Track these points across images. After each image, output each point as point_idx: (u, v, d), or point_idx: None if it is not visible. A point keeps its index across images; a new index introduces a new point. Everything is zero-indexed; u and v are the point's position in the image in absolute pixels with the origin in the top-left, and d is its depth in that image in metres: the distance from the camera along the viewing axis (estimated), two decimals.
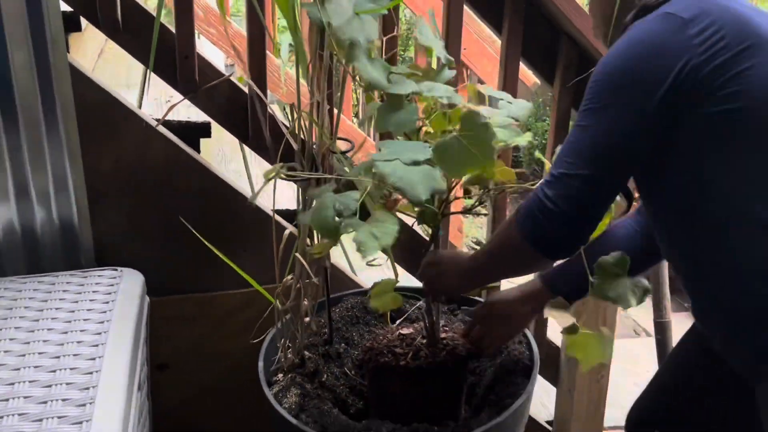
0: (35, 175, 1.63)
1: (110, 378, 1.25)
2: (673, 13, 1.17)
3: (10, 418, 1.13)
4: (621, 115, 1.18)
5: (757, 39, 1.15)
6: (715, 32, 1.14)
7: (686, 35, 1.14)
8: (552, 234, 1.22)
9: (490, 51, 2.93)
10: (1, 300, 1.48)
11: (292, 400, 1.54)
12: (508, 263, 1.36)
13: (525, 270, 1.41)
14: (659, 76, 1.14)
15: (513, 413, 1.49)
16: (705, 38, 1.14)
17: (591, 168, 1.19)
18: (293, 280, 1.63)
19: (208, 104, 1.84)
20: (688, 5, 1.18)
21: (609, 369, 2.13)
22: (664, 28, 1.17)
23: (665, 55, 1.15)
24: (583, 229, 1.24)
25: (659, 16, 1.19)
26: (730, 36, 1.14)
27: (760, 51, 1.14)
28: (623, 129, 1.18)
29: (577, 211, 1.21)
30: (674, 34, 1.15)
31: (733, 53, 1.13)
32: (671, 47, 1.15)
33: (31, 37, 1.53)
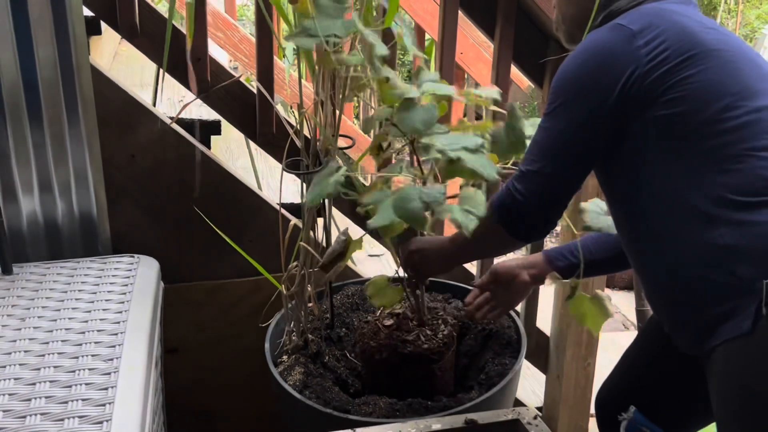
0: (57, 169, 1.72)
1: (132, 353, 1.36)
2: (623, 25, 1.29)
3: (41, 384, 1.25)
4: (575, 118, 1.31)
5: (700, 49, 1.26)
6: (660, 43, 1.26)
7: (634, 46, 1.26)
8: (523, 222, 1.38)
9: (486, 55, 3.04)
10: (27, 283, 1.59)
11: (297, 378, 1.66)
12: (486, 246, 1.52)
13: (501, 251, 1.59)
14: (609, 83, 1.27)
15: (500, 390, 1.60)
16: (651, 49, 1.26)
17: (551, 165, 1.33)
18: (297, 268, 1.75)
19: (219, 104, 1.96)
20: (638, 18, 1.30)
21: (596, 356, 2.24)
22: (614, 38, 1.29)
23: (614, 64, 1.27)
24: (548, 217, 1.39)
25: (611, 27, 1.31)
26: (673, 47, 1.26)
27: (702, 60, 1.25)
28: (577, 130, 1.32)
29: (541, 203, 1.36)
30: (623, 44, 1.27)
31: (675, 62, 1.25)
32: (620, 57, 1.27)
33: (56, 40, 1.62)
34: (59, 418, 1.17)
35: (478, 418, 1.45)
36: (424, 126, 1.48)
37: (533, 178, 1.34)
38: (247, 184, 2.00)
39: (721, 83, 1.25)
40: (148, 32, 1.85)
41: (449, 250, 1.56)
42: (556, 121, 1.33)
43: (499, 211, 1.38)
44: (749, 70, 1.29)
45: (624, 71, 1.26)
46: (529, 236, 1.43)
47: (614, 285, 3.64)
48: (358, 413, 1.54)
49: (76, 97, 1.69)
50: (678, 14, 1.31)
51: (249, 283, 2.01)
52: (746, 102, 1.25)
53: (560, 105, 1.32)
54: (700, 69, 1.25)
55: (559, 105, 1.32)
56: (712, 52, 1.27)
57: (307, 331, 1.78)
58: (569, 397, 2.25)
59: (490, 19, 1.99)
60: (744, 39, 5.28)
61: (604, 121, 1.29)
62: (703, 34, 1.29)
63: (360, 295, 1.96)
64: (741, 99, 1.25)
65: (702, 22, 1.32)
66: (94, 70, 1.76)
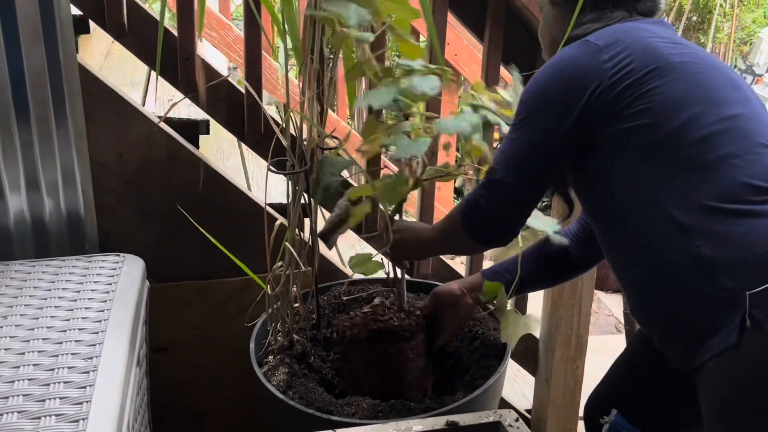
0: (45, 168, 1.73)
1: (111, 351, 1.36)
2: (589, 41, 1.33)
3: (19, 382, 1.25)
4: (540, 130, 1.34)
5: (665, 62, 1.28)
6: (625, 57, 1.28)
7: (598, 61, 1.28)
8: (485, 229, 1.43)
9: (479, 56, 3.03)
10: (12, 281, 1.59)
11: (280, 378, 1.66)
12: (453, 245, 1.60)
13: (467, 252, 1.69)
14: (573, 98, 1.29)
15: (485, 392, 1.60)
16: (614, 63, 1.28)
17: (514, 175, 1.36)
18: (283, 268, 1.75)
19: (208, 103, 1.96)
20: (604, 35, 1.34)
21: (585, 359, 2.24)
22: (579, 54, 1.32)
23: (579, 78, 1.29)
24: (510, 225, 1.43)
25: (578, 43, 1.34)
26: (637, 60, 1.27)
27: (667, 72, 1.27)
28: (541, 143, 1.34)
29: (503, 212, 1.40)
30: (588, 59, 1.30)
31: (639, 75, 1.26)
32: (584, 72, 1.29)
33: (44, 38, 1.63)
34: (35, 416, 1.17)
35: (460, 420, 1.44)
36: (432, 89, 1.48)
37: (497, 187, 1.37)
38: (235, 183, 2.00)
39: (687, 94, 1.26)
40: (136, 31, 1.86)
41: (425, 239, 1.60)
42: (521, 132, 1.35)
43: (464, 216, 1.43)
44: (718, 82, 1.30)
45: (589, 85, 1.28)
46: (489, 242, 1.48)
47: (606, 288, 3.64)
48: (340, 414, 1.54)
49: (63, 95, 1.70)
50: (644, 31, 1.34)
51: (237, 282, 2.01)
52: (715, 111, 1.25)
53: (526, 117, 1.35)
54: (665, 81, 1.26)
55: (525, 117, 1.35)
56: (677, 65, 1.28)
57: (292, 331, 1.78)
58: (558, 400, 2.25)
59: (480, 20, 1.99)
60: (740, 42, 5.26)
61: (568, 133, 1.31)
62: (668, 49, 1.31)
63: (347, 295, 1.95)
64: (709, 108, 1.25)
65: (670, 39, 1.35)
66: (82, 68, 1.76)
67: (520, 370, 2.37)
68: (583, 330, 2.19)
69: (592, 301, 2.18)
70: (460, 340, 1.83)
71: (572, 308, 2.16)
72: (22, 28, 1.61)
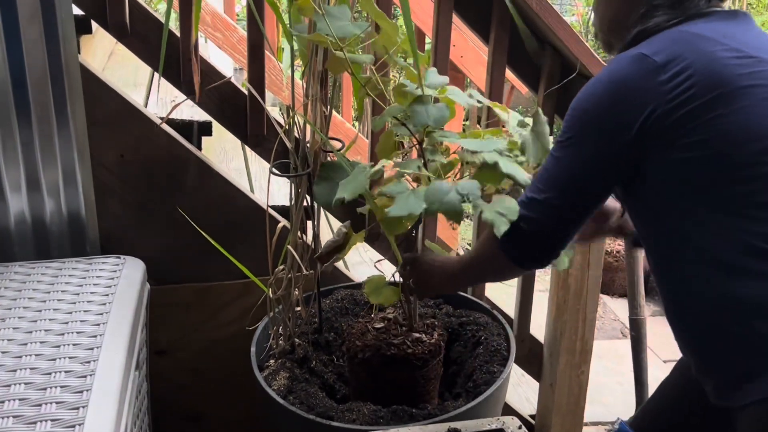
0: (46, 168, 1.72)
1: (109, 355, 1.35)
2: (647, 56, 1.20)
3: (16, 386, 1.23)
4: (588, 152, 1.25)
5: (729, 87, 1.17)
6: (686, 79, 1.17)
7: (656, 81, 1.18)
8: (526, 251, 1.32)
9: (485, 59, 3.02)
10: (11, 283, 1.58)
11: (281, 382, 1.64)
12: (490, 272, 1.47)
13: (502, 277, 1.52)
14: (626, 121, 1.20)
15: (488, 398, 1.58)
16: (674, 85, 1.17)
17: (558, 197, 1.27)
18: (284, 271, 1.74)
19: (210, 104, 1.95)
20: (664, 47, 1.21)
21: (590, 364, 2.22)
22: (636, 72, 1.20)
23: (634, 101, 1.19)
24: (553, 247, 1.32)
25: (635, 57, 1.22)
26: (699, 84, 1.17)
27: (732, 99, 1.17)
28: (588, 165, 1.25)
29: (546, 233, 1.30)
30: (645, 79, 1.19)
31: (701, 102, 1.16)
32: (640, 93, 1.19)
33: (45, 38, 1.62)
34: (32, 421, 1.15)
35: (462, 427, 1.42)
36: (436, 122, 1.49)
37: (539, 208, 1.28)
38: (237, 185, 1.99)
39: (755, 125, 1.17)
40: (138, 31, 1.85)
41: (454, 272, 1.51)
42: (567, 152, 1.27)
43: (503, 239, 1.31)
44: None
45: (644, 109, 1.18)
46: (529, 265, 1.37)
47: (612, 292, 3.61)
48: (341, 420, 1.52)
49: (65, 95, 1.69)
50: (711, 42, 1.21)
51: (238, 285, 2.00)
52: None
53: (573, 136, 1.26)
54: (729, 111, 1.16)
55: (572, 136, 1.26)
56: (745, 90, 1.17)
57: (294, 335, 1.76)
58: (562, 405, 2.23)
59: (485, 22, 1.97)
60: None
61: (618, 159, 1.23)
62: (736, 68, 1.19)
63: (349, 299, 1.94)
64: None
65: (741, 48, 1.22)
66: (83, 69, 1.75)
67: (523, 374, 2.36)
68: (588, 335, 2.17)
69: (597, 306, 2.16)
70: (463, 345, 1.81)
71: (577, 313, 2.14)
72: (24, 28, 1.60)
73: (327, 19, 1.44)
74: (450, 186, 1.38)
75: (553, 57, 1.97)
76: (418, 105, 1.51)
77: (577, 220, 1.30)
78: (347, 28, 1.46)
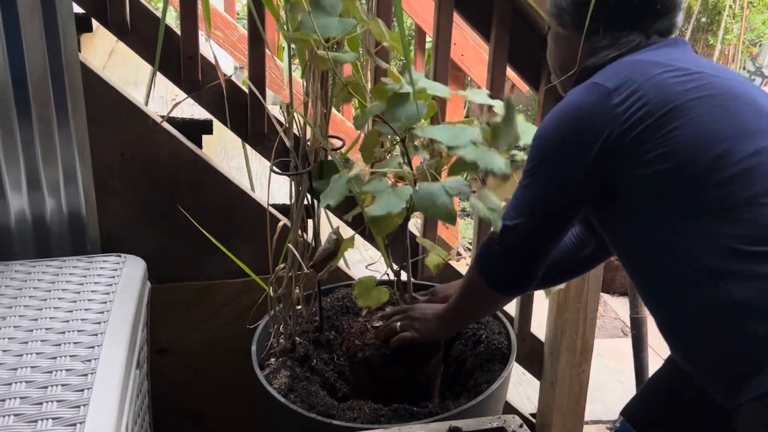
0: (46, 167, 1.72)
1: (110, 353, 1.35)
2: (599, 83, 1.27)
3: (17, 385, 1.24)
4: (552, 179, 1.32)
5: (681, 100, 1.22)
6: (637, 100, 1.23)
7: (610, 105, 1.24)
8: (502, 276, 1.40)
9: (486, 57, 3.02)
10: (12, 281, 1.58)
11: (282, 381, 1.64)
12: (477, 304, 1.51)
13: (490, 306, 1.57)
14: (585, 146, 1.26)
15: (488, 396, 1.58)
16: (627, 107, 1.23)
17: (527, 222, 1.33)
18: (285, 270, 1.73)
19: (210, 103, 1.94)
20: (614, 74, 1.28)
21: (590, 363, 2.22)
22: (590, 98, 1.27)
23: (591, 126, 1.25)
24: (529, 270, 1.38)
25: (587, 86, 1.30)
26: (651, 103, 1.23)
27: (685, 111, 1.21)
28: (553, 191, 1.32)
29: (518, 259, 1.37)
30: (599, 105, 1.25)
31: (655, 118, 1.22)
32: (595, 119, 1.25)
33: (45, 37, 1.62)
34: (33, 420, 1.15)
35: (463, 426, 1.42)
36: (408, 120, 1.48)
37: (510, 234, 1.35)
38: (238, 184, 1.98)
39: (709, 132, 1.21)
40: (138, 29, 1.84)
41: (445, 311, 1.55)
42: (533, 179, 1.33)
43: (480, 265, 1.41)
44: (744, 111, 1.24)
45: (601, 132, 1.24)
46: (509, 290, 1.43)
47: (613, 291, 3.61)
48: (342, 418, 1.52)
49: (65, 94, 1.69)
50: (656, 66, 1.28)
51: (239, 284, 2.00)
52: (742, 147, 1.19)
53: (538, 165, 1.32)
54: (683, 122, 1.21)
55: (536, 165, 1.33)
56: (695, 101, 1.23)
57: (294, 333, 1.76)
58: (563, 404, 2.22)
59: (486, 21, 1.97)
60: (749, 44, 5.21)
61: (582, 182, 1.29)
62: (683, 85, 1.25)
63: (350, 298, 1.93)
64: (736, 144, 1.19)
65: (685, 69, 1.28)
66: (84, 67, 1.75)
67: (524, 373, 2.35)
68: (588, 334, 2.17)
69: (597, 305, 2.16)
70: (464, 344, 1.81)
71: (578, 312, 2.14)
72: (24, 26, 1.60)
73: (312, 16, 1.42)
74: (438, 188, 1.40)
75: None
76: (394, 103, 1.50)
77: (547, 243, 1.36)
78: (331, 26, 1.44)
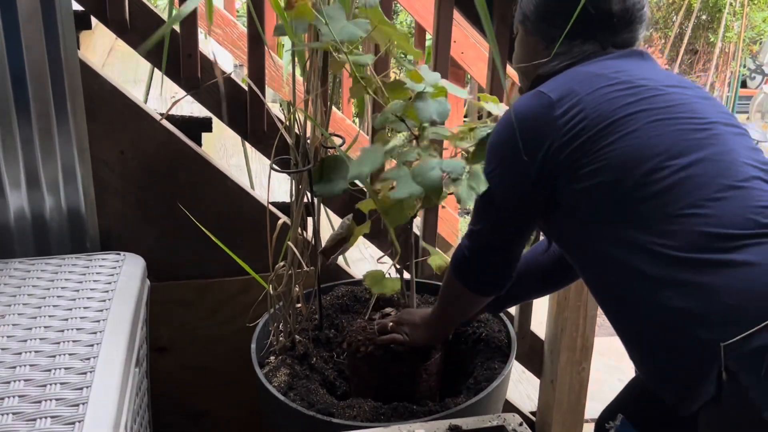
0: (46, 165, 1.72)
1: (109, 351, 1.34)
2: (543, 93, 1.30)
3: (15, 383, 1.23)
4: (503, 184, 1.36)
5: (619, 114, 1.24)
6: (577, 114, 1.25)
7: (551, 117, 1.27)
8: (476, 277, 1.46)
9: (486, 55, 3.01)
10: (11, 279, 1.58)
11: (282, 379, 1.64)
12: (458, 306, 1.57)
13: (473, 307, 1.60)
14: (529, 154, 1.28)
15: (488, 395, 1.58)
16: (567, 120, 1.25)
17: (488, 226, 1.40)
18: (285, 268, 1.73)
19: (210, 100, 1.94)
20: (559, 85, 1.30)
21: (590, 361, 2.21)
22: (534, 107, 1.30)
23: (534, 134, 1.28)
24: (499, 271, 1.44)
25: (533, 94, 1.32)
26: (589, 117, 1.24)
27: (622, 126, 1.23)
28: (505, 196, 1.36)
29: (486, 260, 1.43)
30: (541, 115, 1.28)
31: (592, 133, 1.24)
32: (538, 127, 1.28)
33: (45, 34, 1.62)
34: (31, 418, 1.15)
35: (463, 424, 1.42)
36: (440, 116, 1.53)
37: (475, 236, 1.41)
38: (238, 182, 1.98)
39: (642, 147, 1.22)
40: (138, 27, 1.84)
41: (432, 316, 1.60)
42: (488, 186, 1.38)
43: (454, 269, 1.46)
44: (682, 124, 1.25)
45: (544, 141, 1.27)
46: (484, 289, 1.49)
47: None
48: (342, 416, 1.52)
49: (64, 92, 1.69)
50: (602, 78, 1.29)
51: (239, 282, 2.00)
52: (674, 160, 1.21)
53: (491, 171, 1.37)
54: (618, 136, 1.23)
55: (489, 171, 1.37)
56: (633, 116, 1.24)
57: (294, 331, 1.76)
58: (563, 402, 2.22)
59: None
60: (750, 42, 5.20)
61: (529, 188, 1.32)
62: (625, 99, 1.26)
63: (350, 296, 1.93)
64: (668, 159, 1.21)
65: (630, 82, 1.29)
66: (83, 65, 1.74)
67: (524, 371, 2.35)
68: (588, 332, 2.17)
69: (597, 306, 2.16)
70: (464, 342, 1.81)
71: (578, 310, 2.14)
72: (23, 24, 1.60)
73: (329, 23, 1.43)
74: (435, 163, 1.46)
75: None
76: (419, 101, 1.54)
77: (509, 245, 1.41)
78: (349, 30, 1.44)
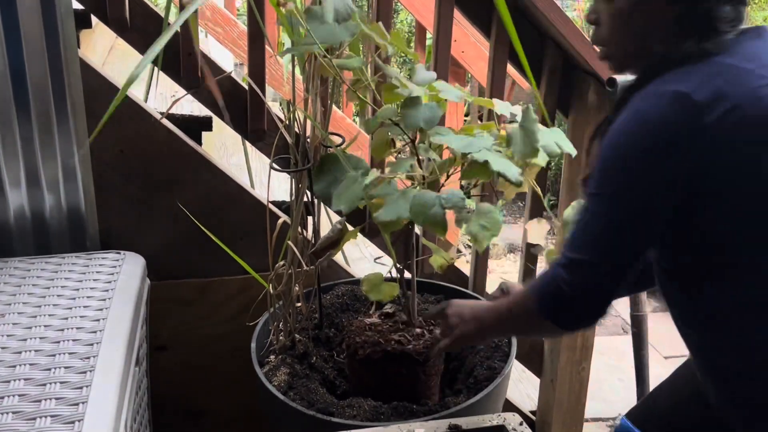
0: (45, 163, 1.71)
1: (109, 350, 1.34)
2: (686, 95, 1.07)
3: (15, 382, 1.23)
4: (631, 205, 1.13)
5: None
6: (735, 120, 1.06)
7: (701, 125, 1.06)
8: (571, 314, 1.21)
9: (487, 53, 3.01)
10: (11, 278, 1.58)
11: (282, 378, 1.64)
12: (526, 330, 1.43)
13: (543, 336, 1.49)
14: (671, 168, 1.09)
15: (488, 394, 1.57)
16: (722, 127, 1.06)
17: (602, 256, 1.16)
18: (285, 267, 1.73)
19: (210, 99, 1.94)
20: (703, 82, 1.08)
21: (590, 361, 2.21)
22: (676, 114, 1.08)
23: (678, 146, 1.08)
24: (598, 308, 1.20)
25: (671, 97, 1.08)
26: (750, 125, 1.07)
27: None
28: (634, 219, 1.14)
29: (592, 296, 1.19)
30: (687, 122, 1.07)
31: (754, 142, 1.07)
32: (683, 140, 1.07)
33: (45, 33, 1.61)
34: (31, 417, 1.15)
35: (463, 424, 1.42)
36: (426, 124, 1.48)
37: (582, 269, 1.16)
38: (238, 181, 1.98)
39: None
40: (138, 26, 1.84)
41: (489, 323, 1.40)
42: (607, 205, 1.14)
43: (543, 302, 1.21)
44: None
45: (690, 155, 1.08)
46: (578, 327, 1.28)
47: None
48: (341, 416, 1.52)
49: (64, 90, 1.68)
50: (749, 74, 1.09)
51: (239, 281, 1.99)
52: None
53: (611, 188, 1.14)
54: None
55: (609, 187, 1.14)
56: None
57: (294, 331, 1.76)
58: (563, 402, 2.22)
59: (486, 17, 1.96)
60: None
61: (665, 210, 1.12)
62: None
63: (350, 295, 1.93)
64: None
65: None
66: (83, 63, 1.74)
67: (524, 370, 2.35)
68: (589, 331, 2.17)
69: None
70: None
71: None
72: (23, 23, 1.59)
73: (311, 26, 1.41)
74: (434, 198, 1.37)
75: (555, 52, 1.97)
76: (408, 108, 1.49)
77: (620, 278, 1.18)
78: (333, 33, 1.42)
